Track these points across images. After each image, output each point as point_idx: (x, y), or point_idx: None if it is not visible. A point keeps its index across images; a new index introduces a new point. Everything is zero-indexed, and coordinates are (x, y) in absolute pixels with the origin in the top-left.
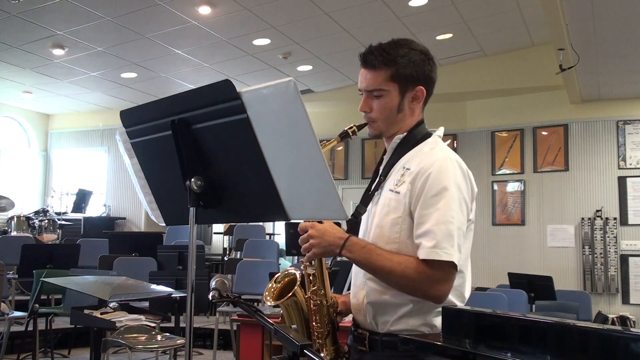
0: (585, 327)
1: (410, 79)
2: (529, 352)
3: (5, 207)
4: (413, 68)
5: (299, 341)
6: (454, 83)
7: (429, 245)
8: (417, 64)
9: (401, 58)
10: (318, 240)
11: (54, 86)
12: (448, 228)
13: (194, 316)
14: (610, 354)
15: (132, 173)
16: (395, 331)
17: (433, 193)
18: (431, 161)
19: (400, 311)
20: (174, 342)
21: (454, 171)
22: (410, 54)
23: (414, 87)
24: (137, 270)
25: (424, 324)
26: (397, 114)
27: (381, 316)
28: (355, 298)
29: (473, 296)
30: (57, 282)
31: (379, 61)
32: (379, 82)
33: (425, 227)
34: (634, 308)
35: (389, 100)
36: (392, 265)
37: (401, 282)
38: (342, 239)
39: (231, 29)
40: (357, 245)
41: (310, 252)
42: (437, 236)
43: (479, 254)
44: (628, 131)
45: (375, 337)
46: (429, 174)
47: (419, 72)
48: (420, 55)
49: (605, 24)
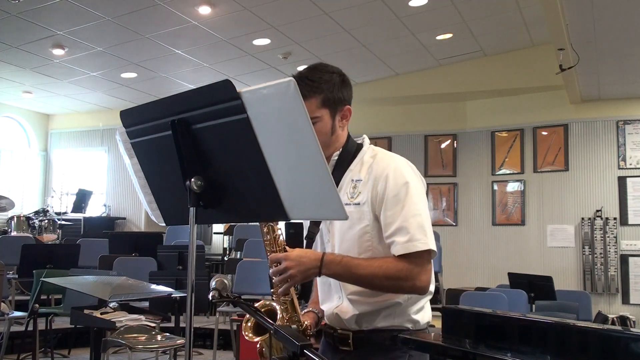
0: (585, 327)
1: (338, 101)
2: (529, 352)
3: (5, 207)
4: (338, 90)
5: (299, 341)
6: (454, 83)
7: (404, 240)
8: (340, 86)
9: (325, 84)
10: (297, 269)
11: (54, 86)
12: (417, 220)
13: (194, 316)
14: (610, 354)
15: (132, 173)
16: (381, 328)
17: (394, 193)
18: (384, 165)
19: (385, 310)
20: (174, 342)
21: (407, 170)
22: (332, 78)
23: (342, 107)
24: (137, 270)
25: (408, 320)
26: (331, 136)
27: (366, 317)
28: (331, 310)
29: (473, 296)
30: (57, 282)
31: (307, 90)
32: (312, 110)
33: (395, 225)
34: (634, 308)
35: (323, 125)
36: (372, 270)
37: (386, 284)
38: (318, 260)
39: (231, 29)
40: (333, 262)
41: (291, 282)
42: (410, 229)
43: (479, 254)
44: (628, 131)
45: (360, 335)
46: (387, 176)
47: (343, 93)
48: (338, 77)
49: (605, 24)
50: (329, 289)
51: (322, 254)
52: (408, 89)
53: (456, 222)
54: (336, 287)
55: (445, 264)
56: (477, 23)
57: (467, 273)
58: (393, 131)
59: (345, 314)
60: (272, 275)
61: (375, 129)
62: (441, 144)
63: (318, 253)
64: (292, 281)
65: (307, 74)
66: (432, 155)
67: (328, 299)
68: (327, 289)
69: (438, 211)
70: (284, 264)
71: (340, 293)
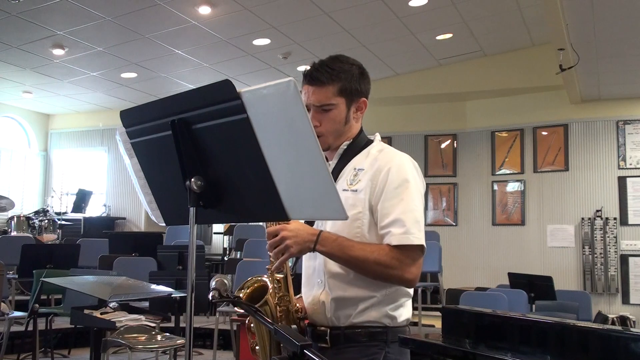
0: (585, 327)
1: (354, 92)
2: (529, 352)
3: (5, 207)
4: (356, 82)
5: (299, 341)
6: (454, 83)
7: (400, 232)
8: (358, 78)
9: (344, 73)
10: (293, 240)
11: (54, 86)
12: (414, 215)
13: (194, 316)
14: (610, 354)
15: (132, 173)
16: (358, 323)
17: (395, 186)
18: (389, 158)
19: (362, 305)
20: (174, 342)
21: (410, 167)
22: (351, 69)
23: (358, 99)
24: (137, 270)
25: (385, 316)
26: (344, 125)
27: (343, 310)
28: (312, 297)
29: (473, 296)
30: (57, 282)
31: (326, 77)
32: (329, 97)
33: (392, 217)
34: (634, 308)
35: (338, 113)
36: (365, 254)
37: (376, 270)
38: (314, 235)
39: (231, 29)
40: (329, 239)
41: (287, 253)
42: (406, 223)
43: (479, 254)
44: (628, 131)
45: (336, 331)
46: (389, 169)
47: (361, 85)
48: (358, 69)
49: (605, 24)
50: (312, 272)
51: (319, 230)
52: (408, 89)
53: (456, 222)
54: (319, 270)
55: (445, 264)
56: (477, 23)
57: (467, 273)
58: (393, 131)
59: (324, 301)
60: (269, 248)
61: (375, 129)
62: (441, 144)
63: (315, 229)
64: (287, 253)
65: (328, 62)
66: (432, 155)
67: (309, 283)
68: (310, 272)
69: (438, 211)
70: (281, 234)
71: (322, 277)
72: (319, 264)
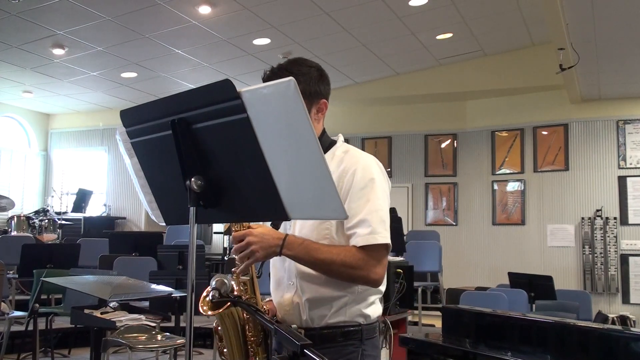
0: (585, 327)
1: (314, 94)
2: (529, 352)
3: (5, 207)
4: (315, 84)
5: (299, 340)
6: (454, 83)
7: (366, 232)
8: (317, 80)
9: (303, 76)
10: (259, 245)
11: (54, 86)
12: (379, 215)
13: (194, 316)
14: (610, 353)
15: (132, 173)
16: (332, 324)
17: (361, 186)
18: (354, 160)
19: (337, 304)
20: (174, 342)
21: (376, 168)
22: (310, 71)
23: (318, 100)
24: (137, 270)
25: (360, 315)
26: None
27: (317, 311)
28: (283, 300)
29: (473, 296)
30: (57, 281)
31: None
32: None
33: (358, 218)
34: (634, 308)
35: None
36: (331, 256)
37: (342, 271)
38: (280, 239)
39: (231, 28)
40: (295, 243)
41: (252, 258)
42: (372, 223)
43: (479, 253)
44: (628, 131)
45: (312, 332)
46: (355, 170)
47: (320, 87)
48: (317, 71)
49: (605, 24)
50: (283, 274)
51: (285, 234)
52: (408, 88)
53: (456, 222)
54: (290, 272)
55: (445, 263)
56: (477, 23)
57: (467, 273)
58: (393, 131)
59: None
60: (235, 252)
61: (375, 128)
62: (441, 143)
63: (281, 233)
64: (253, 258)
65: (286, 65)
66: (432, 155)
67: (279, 285)
68: (281, 274)
69: (438, 211)
70: (247, 239)
71: (294, 279)
72: (290, 265)
